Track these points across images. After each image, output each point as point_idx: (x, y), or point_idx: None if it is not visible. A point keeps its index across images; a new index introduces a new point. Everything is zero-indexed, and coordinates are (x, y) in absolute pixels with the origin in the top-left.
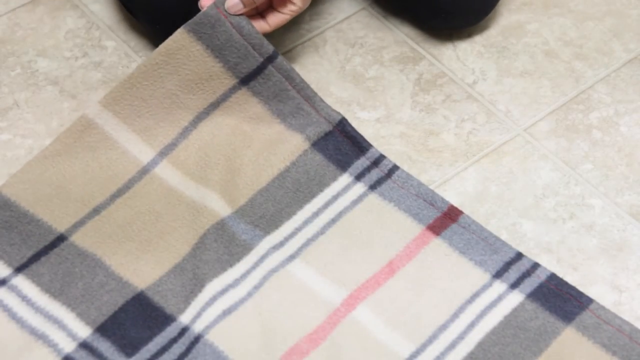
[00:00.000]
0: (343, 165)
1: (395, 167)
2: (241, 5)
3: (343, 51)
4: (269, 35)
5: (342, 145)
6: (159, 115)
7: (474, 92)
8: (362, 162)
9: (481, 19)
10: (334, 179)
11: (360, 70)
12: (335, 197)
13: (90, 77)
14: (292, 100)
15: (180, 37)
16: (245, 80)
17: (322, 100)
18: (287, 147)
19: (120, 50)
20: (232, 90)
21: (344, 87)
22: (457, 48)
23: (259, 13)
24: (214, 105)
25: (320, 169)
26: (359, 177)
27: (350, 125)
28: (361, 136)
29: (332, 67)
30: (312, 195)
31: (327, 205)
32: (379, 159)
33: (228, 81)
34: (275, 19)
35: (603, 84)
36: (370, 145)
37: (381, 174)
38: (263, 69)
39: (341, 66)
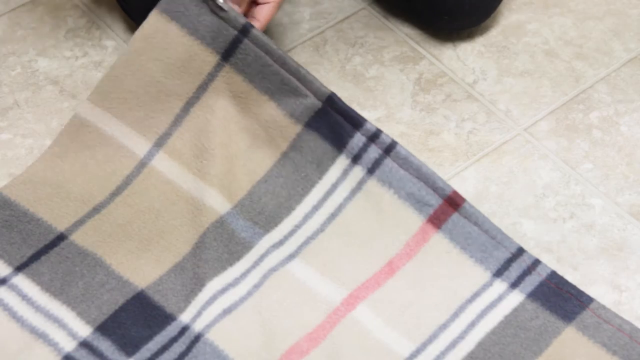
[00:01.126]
0: (339, 146)
1: (394, 143)
2: None
3: (343, 51)
4: (269, 36)
5: (335, 122)
6: (149, 105)
7: (474, 92)
8: (357, 140)
9: (483, 20)
10: (332, 161)
11: (360, 69)
12: (334, 186)
13: (91, 76)
14: (275, 75)
15: (154, 20)
16: (226, 56)
17: (308, 73)
18: (281, 131)
19: (120, 49)
20: (217, 68)
21: (344, 87)
22: (457, 48)
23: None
24: (203, 88)
25: (317, 151)
26: (356, 159)
27: (340, 100)
28: (353, 110)
29: (332, 67)
30: (311, 184)
31: (326, 196)
32: (376, 134)
33: (210, 58)
34: (263, 13)
35: (603, 84)
36: (364, 120)
37: (379, 152)
38: (239, 43)
39: (341, 66)
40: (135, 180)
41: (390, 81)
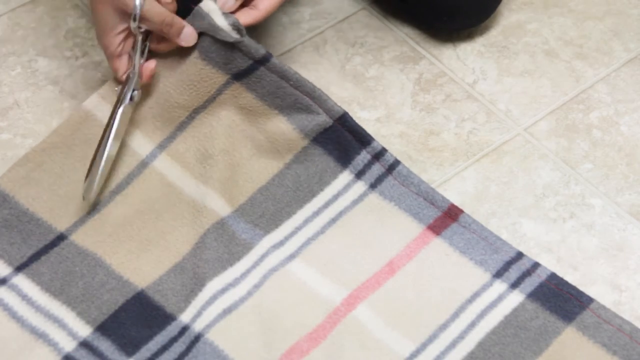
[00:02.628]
0: (344, 162)
1: (396, 162)
2: (232, 1)
3: (343, 51)
4: (269, 36)
5: (343, 139)
6: (155, 109)
7: (474, 92)
8: (362, 157)
9: (483, 21)
10: (335, 176)
11: (360, 69)
12: (335, 197)
13: (91, 76)
14: (290, 96)
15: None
16: (238, 77)
17: (323, 93)
18: (287, 144)
19: None
20: (226, 85)
21: (344, 87)
22: (457, 47)
23: (243, 4)
24: (210, 101)
25: (320, 165)
26: (359, 175)
27: (352, 119)
28: (363, 129)
29: (332, 67)
30: (312, 194)
31: (327, 204)
32: (381, 153)
33: (220, 79)
34: (265, 3)
35: (603, 84)
36: (372, 139)
37: (382, 170)
38: (254, 70)
39: (341, 66)
40: (135, 180)
41: (390, 81)
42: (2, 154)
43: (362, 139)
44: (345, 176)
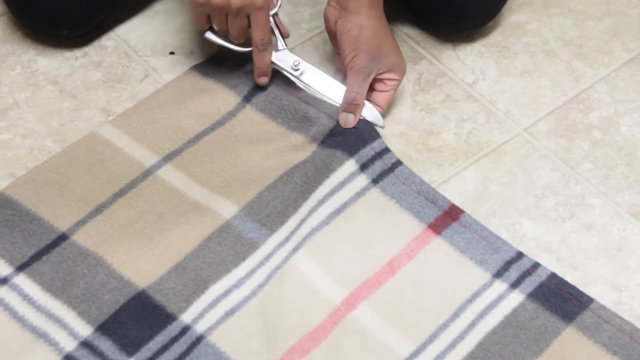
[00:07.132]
0: (350, 152)
1: (398, 162)
2: (352, 119)
3: None
4: None
5: (348, 135)
6: (163, 131)
7: (474, 92)
8: (367, 152)
9: (488, 22)
10: (341, 163)
11: None
12: (341, 184)
13: (90, 76)
14: (297, 111)
15: (190, 76)
16: (248, 97)
17: (323, 101)
18: (296, 152)
19: (120, 49)
20: (238, 108)
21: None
22: (457, 48)
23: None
24: (220, 123)
25: (328, 158)
26: (363, 168)
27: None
28: (366, 128)
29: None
30: (318, 182)
31: (333, 192)
32: (384, 151)
33: (233, 99)
34: (382, 99)
35: (603, 84)
36: (377, 136)
37: (384, 167)
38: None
39: None
40: (139, 185)
41: None
42: (2, 154)
43: (366, 135)
44: (351, 164)
